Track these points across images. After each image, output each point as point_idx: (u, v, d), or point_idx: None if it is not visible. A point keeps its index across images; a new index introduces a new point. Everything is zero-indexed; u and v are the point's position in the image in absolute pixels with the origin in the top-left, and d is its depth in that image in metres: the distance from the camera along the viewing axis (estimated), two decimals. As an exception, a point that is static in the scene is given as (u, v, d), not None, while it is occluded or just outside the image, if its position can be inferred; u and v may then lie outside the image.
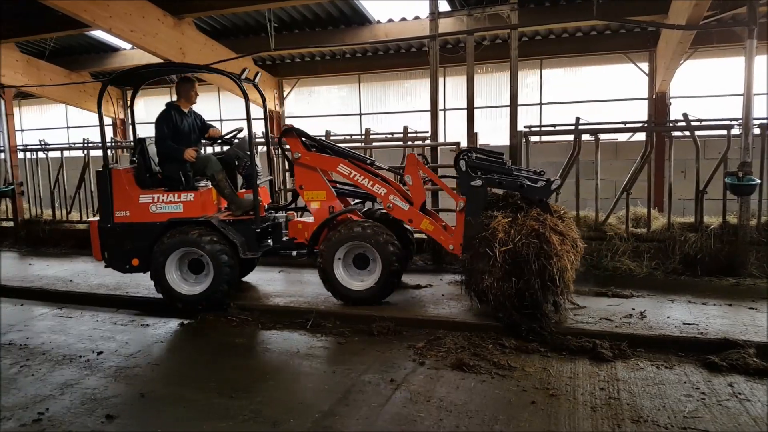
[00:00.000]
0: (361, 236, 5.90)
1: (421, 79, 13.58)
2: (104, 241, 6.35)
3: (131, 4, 9.35)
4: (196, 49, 10.88)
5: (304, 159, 6.24)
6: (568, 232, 5.19)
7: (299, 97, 14.98)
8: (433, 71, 7.67)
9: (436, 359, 4.81)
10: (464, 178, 5.52)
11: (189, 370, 4.91)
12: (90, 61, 14.71)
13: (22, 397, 4.40)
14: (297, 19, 11.50)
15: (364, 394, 4.22)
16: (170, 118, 6.35)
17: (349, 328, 5.61)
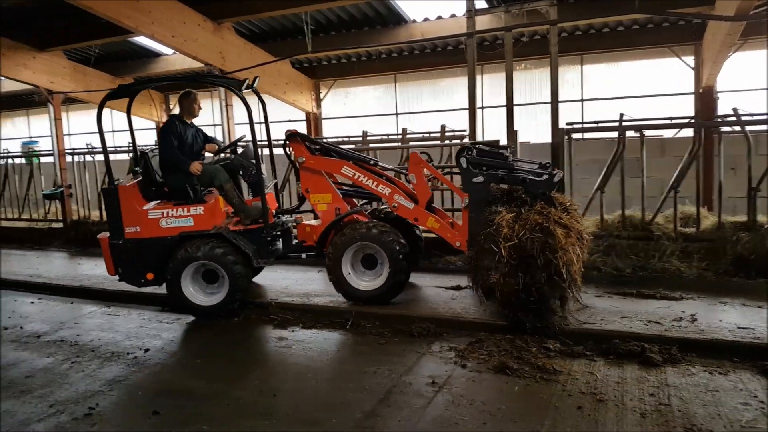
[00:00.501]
0: (367, 237, 5.93)
1: (456, 78, 13.46)
2: (116, 257, 6.37)
3: (172, 10, 9.52)
4: (235, 53, 11.01)
5: (308, 163, 6.31)
6: (573, 225, 5.12)
7: (335, 98, 15.03)
8: (471, 69, 7.58)
9: (478, 362, 4.73)
10: (466, 175, 5.56)
11: (232, 367, 4.96)
12: (134, 67, 15.06)
13: (74, 392, 4.53)
14: (333, 20, 11.53)
15: (405, 396, 4.18)
16: (175, 129, 6.41)
17: (388, 328, 5.58)
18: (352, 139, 10.22)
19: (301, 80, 14.11)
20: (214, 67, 10.52)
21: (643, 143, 7.33)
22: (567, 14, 9.40)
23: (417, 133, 9.73)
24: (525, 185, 5.38)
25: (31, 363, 5.25)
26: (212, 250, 6.07)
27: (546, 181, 5.34)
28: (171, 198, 6.37)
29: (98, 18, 10.40)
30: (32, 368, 5.12)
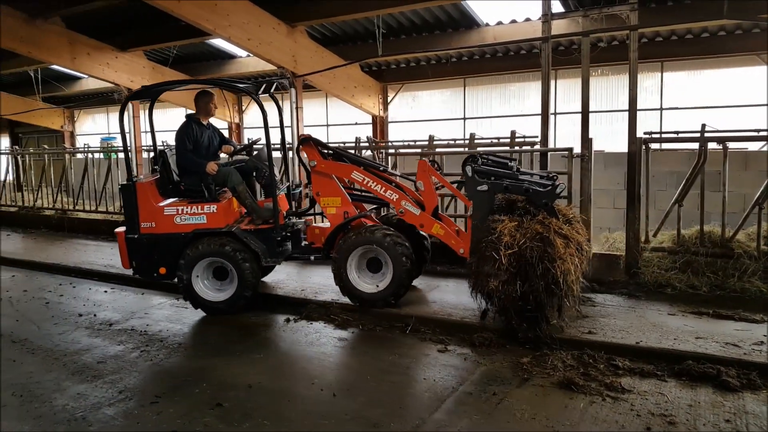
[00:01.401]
0: (372, 241, 6.04)
1: (527, 82, 13.22)
2: (131, 251, 6.53)
3: (249, 13, 9.80)
4: (307, 56, 11.21)
5: (319, 167, 6.43)
6: (573, 236, 5.16)
7: (402, 101, 15.04)
8: (545, 74, 7.39)
9: (542, 376, 4.59)
10: (471, 184, 5.62)
11: (294, 365, 5.02)
12: (209, 68, 15.62)
13: (141, 380, 4.71)
14: (404, 24, 11.56)
15: (465, 405, 4.11)
16: (191, 130, 6.54)
17: (449, 336, 5.50)
18: (418, 143, 10.18)
19: (370, 84, 14.21)
20: (286, 69, 10.76)
21: (726, 156, 6.93)
22: (648, 19, 9.05)
23: (485, 138, 9.59)
24: (528, 195, 5.43)
25: (103, 350, 5.49)
26: (223, 248, 6.22)
27: (548, 192, 5.36)
28: (187, 196, 6.53)
29: (177, 20, 10.85)
30: (104, 355, 5.35)
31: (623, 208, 7.87)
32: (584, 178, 7.15)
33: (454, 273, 7.75)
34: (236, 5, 9.56)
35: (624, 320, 5.66)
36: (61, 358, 5.22)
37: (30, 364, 5.10)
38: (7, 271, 9.10)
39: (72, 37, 12.54)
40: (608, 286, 6.88)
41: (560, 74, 12.40)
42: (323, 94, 15.50)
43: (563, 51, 11.15)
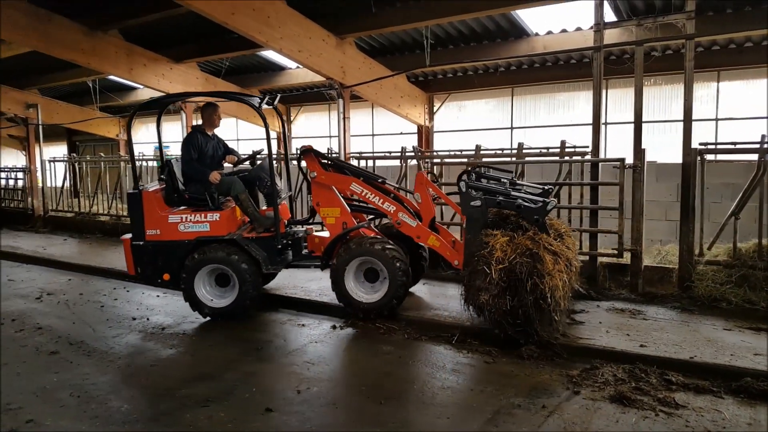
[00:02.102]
0: (369, 252, 6.19)
1: (575, 92, 13.03)
2: (137, 258, 6.73)
3: (300, 25, 10.00)
4: (355, 67, 11.35)
5: (319, 178, 6.60)
6: (562, 252, 5.28)
7: (448, 111, 15.02)
8: (597, 83, 7.29)
9: (592, 389, 4.52)
10: (465, 198, 5.73)
11: (341, 371, 5.07)
12: (259, 79, 15.97)
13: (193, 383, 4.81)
14: (453, 34, 11.58)
15: (513, 418, 4.07)
16: (196, 141, 6.75)
17: (496, 347, 5.46)
18: (465, 153, 10.15)
19: (416, 93, 14.26)
20: (335, 80, 10.90)
21: (788, 167, 6.68)
22: (705, 28, 8.81)
23: (534, 148, 9.48)
24: (519, 211, 5.53)
25: (156, 353, 5.66)
26: (225, 255, 6.39)
27: (539, 209, 5.45)
28: (191, 205, 6.71)
29: (230, 33, 11.16)
30: (156, 358, 5.52)
31: (676, 220, 7.68)
32: (636, 189, 7.02)
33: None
34: (288, 18, 9.77)
35: (677, 334, 5.53)
36: (116, 361, 5.40)
37: (86, 365, 5.29)
38: (64, 274, 9.48)
39: (129, 48, 13.03)
40: (660, 300, 6.72)
41: (611, 83, 12.17)
42: (369, 104, 15.63)
43: (615, 60, 10.96)
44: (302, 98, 17.14)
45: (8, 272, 9.42)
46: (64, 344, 5.88)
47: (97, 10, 11.60)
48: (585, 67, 11.41)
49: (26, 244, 12.23)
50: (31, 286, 8.32)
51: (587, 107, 12.36)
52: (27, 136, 17.34)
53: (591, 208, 7.43)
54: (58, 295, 7.89)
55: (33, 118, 16.25)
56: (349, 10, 10.41)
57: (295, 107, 18.04)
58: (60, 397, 4.53)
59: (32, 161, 16.58)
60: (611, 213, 7.59)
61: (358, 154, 11.08)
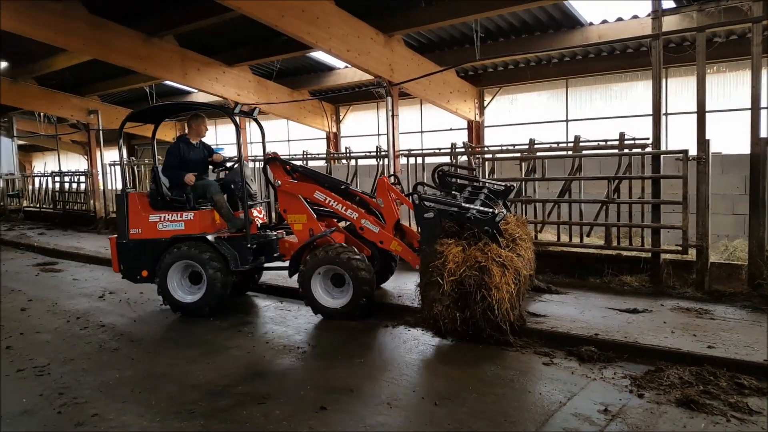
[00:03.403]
0: (333, 260, 6.38)
1: (632, 82, 12.59)
2: (120, 255, 7.11)
3: (348, 25, 10.01)
4: (403, 64, 11.29)
5: (284, 186, 6.83)
6: (511, 263, 5.35)
7: (499, 105, 14.75)
8: (656, 72, 6.98)
9: (657, 392, 4.32)
10: (418, 211, 5.82)
11: (394, 371, 5.00)
12: (309, 81, 16.14)
13: (250, 380, 4.85)
14: (503, 27, 11.37)
15: (575, 420, 3.93)
16: (178, 149, 7.19)
17: (553, 348, 5.31)
18: (518, 147, 9.95)
19: (466, 88, 14.08)
20: (383, 78, 10.87)
21: None
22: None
23: (591, 140, 9.20)
24: (470, 223, 5.62)
25: (214, 348, 5.75)
26: (195, 252, 6.68)
27: (489, 220, 5.55)
28: (173, 208, 7.04)
29: (280, 35, 11.29)
30: (214, 353, 5.60)
31: (744, 214, 7.29)
32: (701, 182, 6.71)
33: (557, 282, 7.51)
34: (336, 18, 9.80)
35: (748, 335, 5.24)
36: (175, 358, 5.52)
37: (146, 362, 5.44)
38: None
39: (184, 54, 13.38)
40: (728, 298, 6.39)
41: (671, 72, 11.69)
42: (418, 101, 15.54)
43: (674, 48, 10.54)
44: (351, 97, 17.21)
45: (72, 272, 9.80)
46: (126, 341, 6.06)
47: (153, 17, 11.94)
48: (642, 56, 11.00)
49: (89, 244, 12.72)
50: (94, 286, 8.62)
51: (645, 98, 11.93)
52: (88, 141, 18.10)
53: (653, 203, 7.14)
54: (119, 294, 8.15)
55: (94, 123, 16.90)
56: (398, 6, 10.35)
57: (344, 107, 18.13)
58: (122, 393, 4.66)
59: (93, 165, 17.27)
60: (674, 207, 7.27)
61: (407, 151, 11.02)
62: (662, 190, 7.13)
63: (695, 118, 6.82)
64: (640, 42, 10.96)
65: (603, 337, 5.29)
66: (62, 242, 13.09)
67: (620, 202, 7.61)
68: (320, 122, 17.96)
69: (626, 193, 7.85)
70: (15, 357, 5.60)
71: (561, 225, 8.19)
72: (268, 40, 12.73)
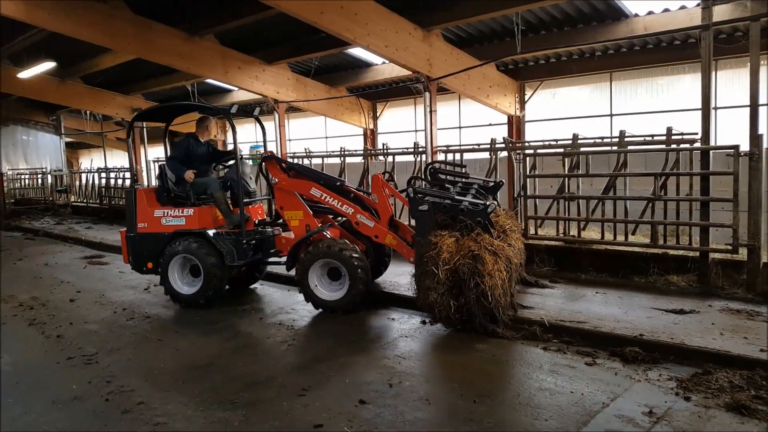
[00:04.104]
0: (329, 254, 6.52)
1: (678, 75, 12.19)
2: (129, 247, 7.49)
3: (387, 20, 9.96)
4: (442, 59, 11.18)
5: (281, 183, 7.03)
6: (503, 252, 5.58)
7: (541, 99, 14.47)
8: (706, 64, 6.73)
9: (704, 396, 4.18)
10: (413, 204, 6.03)
11: (433, 367, 5.00)
12: (346, 77, 16.16)
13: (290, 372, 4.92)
14: (545, 20, 11.14)
15: (618, 421, 3.85)
16: (185, 145, 7.48)
17: (596, 348, 5.20)
18: (560, 142, 9.75)
19: (506, 82, 13.87)
20: (421, 73, 10.79)
21: None
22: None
23: (637, 135, 8.93)
24: (462, 214, 5.82)
25: (256, 342, 5.87)
26: (193, 246, 6.97)
27: (481, 212, 5.77)
28: (177, 204, 7.35)
29: (319, 33, 11.33)
30: (256, 347, 5.73)
31: (801, 212, 6.97)
32: (753, 179, 6.46)
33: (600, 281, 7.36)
34: (375, 13, 9.76)
35: (806, 339, 5.01)
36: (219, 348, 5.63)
37: (189, 353, 5.56)
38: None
39: (224, 52, 13.55)
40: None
41: (720, 64, 11.27)
42: (456, 96, 15.39)
43: (724, 39, 10.16)
44: (388, 93, 17.17)
45: (119, 265, 10.03)
46: (170, 332, 6.21)
47: (194, 16, 12.14)
48: (690, 48, 10.66)
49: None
50: (140, 278, 8.82)
51: (692, 91, 11.56)
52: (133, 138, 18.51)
53: (702, 200, 6.89)
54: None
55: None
56: (436, 1, 10.25)
57: (380, 103, 18.11)
58: (167, 382, 4.77)
59: (138, 161, 17.68)
60: (724, 205, 7.02)
61: (445, 147, 10.94)
62: (711, 187, 6.88)
63: (747, 112, 6.55)
64: (687, 33, 10.60)
65: (648, 338, 5.15)
66: (108, 236, 13.46)
67: (667, 199, 7.38)
68: (357, 119, 17.98)
69: (673, 190, 7.62)
70: (65, 346, 5.81)
71: (605, 223, 8.00)
72: (307, 37, 12.79)
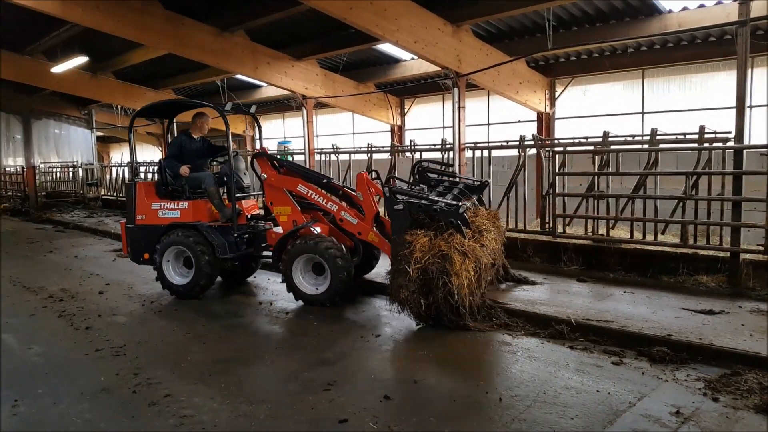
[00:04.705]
0: (312, 249, 6.71)
1: (712, 72, 11.92)
2: (129, 239, 7.77)
3: (416, 16, 9.95)
4: (472, 54, 11.12)
5: (270, 180, 7.25)
6: (472, 252, 5.74)
7: (571, 96, 14.29)
8: (742, 62, 6.60)
9: (733, 397, 4.14)
10: (389, 203, 6.17)
11: (457, 365, 5.01)
12: (375, 73, 16.17)
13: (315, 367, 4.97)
14: (576, 15, 11.00)
15: (645, 421, 3.83)
16: (179, 142, 7.77)
17: (624, 348, 5.17)
18: (591, 140, 9.63)
19: (536, 79, 13.73)
20: (450, 70, 10.76)
21: None
22: None
23: (668, 134, 8.77)
24: (436, 215, 5.95)
25: (281, 336, 5.99)
26: (186, 238, 7.21)
27: (453, 212, 5.88)
28: (174, 197, 7.58)
29: (347, 29, 11.36)
30: (281, 341, 5.84)
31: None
32: (788, 178, 6.30)
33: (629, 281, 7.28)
34: (404, 9, 9.75)
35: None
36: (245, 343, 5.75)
37: (215, 347, 5.67)
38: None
39: (254, 48, 13.67)
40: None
41: (757, 62, 11.00)
42: (485, 92, 15.29)
43: (762, 35, 9.91)
44: (416, 90, 17.15)
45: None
46: (198, 326, 6.32)
47: (225, 12, 12.29)
48: (726, 45, 10.41)
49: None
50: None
51: (726, 89, 11.30)
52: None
53: (734, 200, 6.76)
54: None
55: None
56: (467, -5, 10.20)
57: (408, 99, 18.09)
58: (193, 375, 4.87)
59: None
60: (756, 205, 6.90)
61: (473, 144, 10.89)
62: (744, 186, 6.75)
63: (784, 110, 6.41)
64: (723, 30, 10.36)
65: (676, 338, 5.10)
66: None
67: (698, 199, 7.25)
68: (385, 115, 18.00)
69: (705, 190, 7.48)
70: (94, 337, 5.93)
71: (634, 222, 7.91)
72: (335, 33, 12.84)
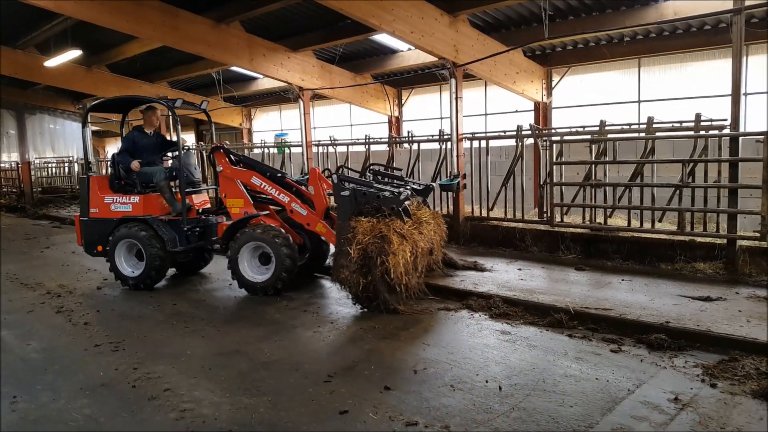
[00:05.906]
0: (259, 238, 6.97)
1: (709, 60, 11.92)
2: (82, 231, 7.96)
3: (413, 5, 9.91)
4: (468, 44, 11.09)
5: (225, 172, 7.48)
6: (410, 236, 6.18)
7: (568, 85, 14.29)
8: (737, 50, 6.61)
9: (731, 383, 4.19)
10: (336, 189, 6.54)
11: (457, 354, 5.03)
12: (372, 64, 16.12)
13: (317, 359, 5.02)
14: (573, 5, 10.97)
15: (643, 408, 3.87)
16: (131, 138, 7.96)
17: (622, 336, 5.22)
18: (587, 129, 9.65)
19: (533, 68, 13.71)
20: (447, 60, 10.74)
21: None
22: None
23: (665, 122, 8.79)
24: (378, 201, 6.33)
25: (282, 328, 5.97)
26: (136, 232, 7.42)
27: (394, 199, 6.32)
28: (127, 191, 7.76)
29: (344, 19, 11.33)
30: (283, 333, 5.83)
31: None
32: (784, 165, 6.34)
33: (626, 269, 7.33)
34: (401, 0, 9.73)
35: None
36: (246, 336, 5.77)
37: (216, 341, 5.72)
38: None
39: (250, 39, 13.61)
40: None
41: (752, 50, 10.99)
42: (482, 82, 15.27)
43: (757, 23, 9.92)
44: (412, 80, 17.10)
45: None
46: (197, 319, 6.35)
47: (220, 4, 12.22)
48: (721, 33, 10.42)
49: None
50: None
51: (722, 77, 11.30)
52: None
53: (730, 187, 6.81)
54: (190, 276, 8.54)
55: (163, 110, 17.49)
56: (464, -15, 10.16)
57: (406, 90, 18.04)
58: (194, 369, 4.89)
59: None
60: (752, 192, 6.94)
61: (471, 134, 10.89)
62: (740, 173, 6.79)
63: (779, 98, 6.44)
64: (718, 18, 10.36)
65: (674, 325, 5.16)
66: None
67: (695, 186, 7.29)
68: (382, 106, 17.96)
69: (701, 177, 7.52)
70: (92, 333, 5.95)
71: (632, 210, 7.94)
72: (332, 24, 12.80)
